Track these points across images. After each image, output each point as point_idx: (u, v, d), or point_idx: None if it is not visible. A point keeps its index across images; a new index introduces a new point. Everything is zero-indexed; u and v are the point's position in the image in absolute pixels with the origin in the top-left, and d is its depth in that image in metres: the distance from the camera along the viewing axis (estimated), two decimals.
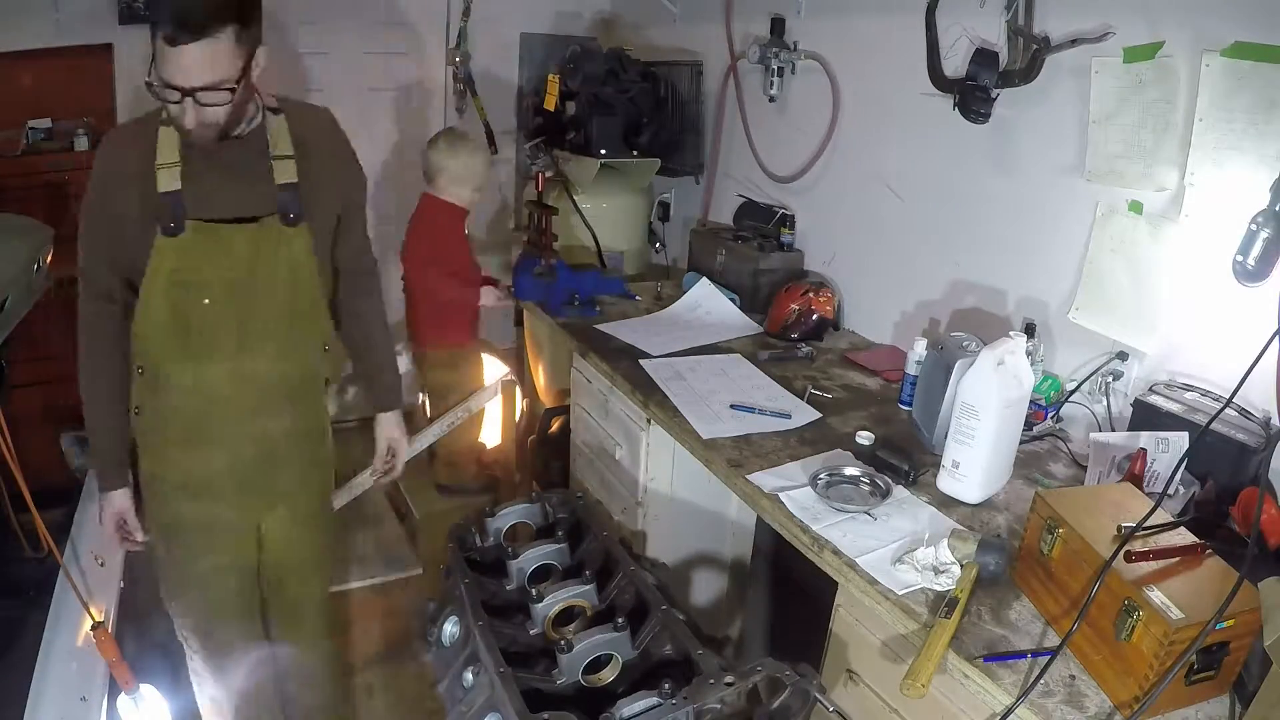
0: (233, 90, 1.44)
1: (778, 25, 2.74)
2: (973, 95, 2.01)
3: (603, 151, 3.05)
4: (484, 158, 2.95)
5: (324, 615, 1.98)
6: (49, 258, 2.09)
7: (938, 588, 1.35)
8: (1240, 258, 1.53)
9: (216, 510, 1.69)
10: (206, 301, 1.56)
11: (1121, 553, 1.18)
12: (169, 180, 1.49)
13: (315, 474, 1.84)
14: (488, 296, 2.93)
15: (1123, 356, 1.86)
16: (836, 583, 1.51)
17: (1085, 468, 1.75)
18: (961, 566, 1.39)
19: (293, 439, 1.72)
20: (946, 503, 1.64)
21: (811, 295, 2.53)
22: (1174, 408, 1.67)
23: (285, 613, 1.89)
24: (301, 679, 1.98)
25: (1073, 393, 1.94)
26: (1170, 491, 1.45)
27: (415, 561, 2.85)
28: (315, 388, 1.77)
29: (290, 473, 1.75)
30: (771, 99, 2.81)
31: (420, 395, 3.30)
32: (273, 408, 1.67)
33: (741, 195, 3.09)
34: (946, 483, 1.65)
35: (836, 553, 1.47)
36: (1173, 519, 1.29)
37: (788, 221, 2.84)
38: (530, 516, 1.70)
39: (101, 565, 1.91)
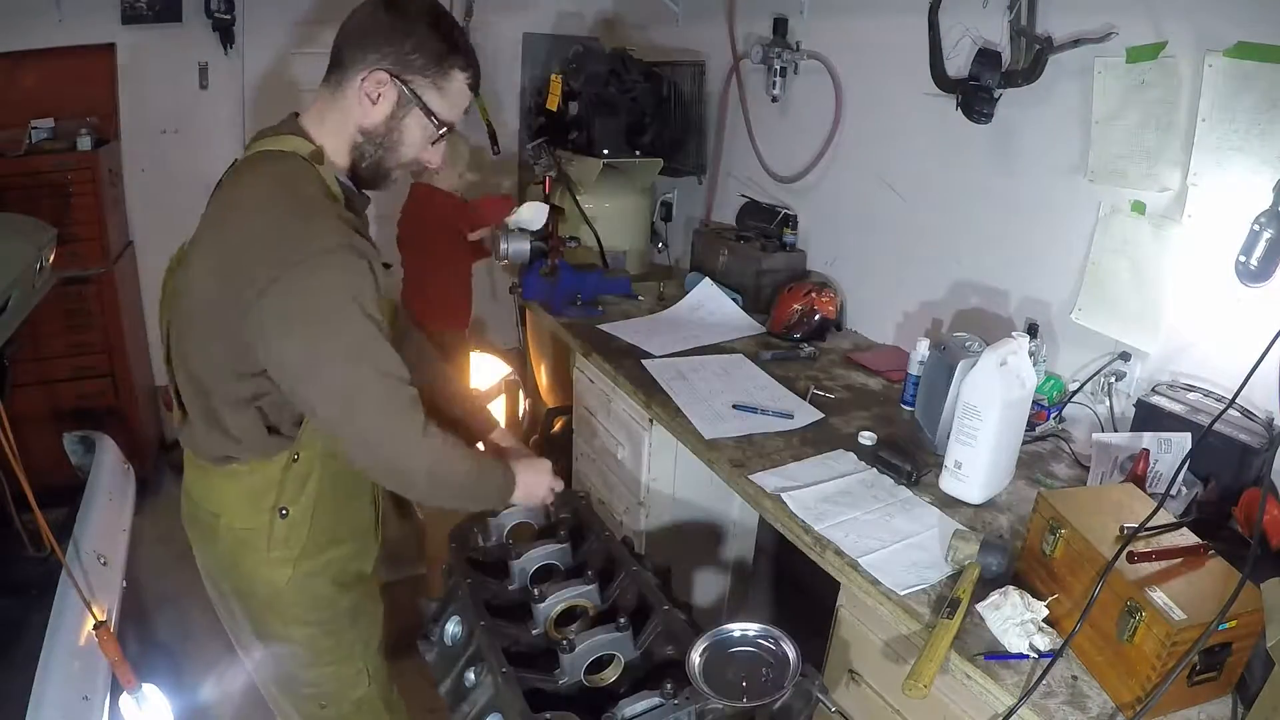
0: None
1: (780, 25, 2.74)
2: (975, 95, 2.00)
3: (605, 151, 3.05)
4: (464, 145, 3.03)
5: None
6: (52, 258, 2.10)
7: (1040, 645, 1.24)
8: (1243, 258, 1.53)
9: None
10: None
11: (1124, 553, 1.18)
12: None
13: None
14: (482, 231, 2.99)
15: (1125, 357, 1.86)
16: (839, 583, 1.51)
17: (1088, 468, 1.75)
18: (964, 567, 1.39)
19: None
20: (949, 503, 1.64)
21: (814, 295, 2.52)
22: (1176, 408, 1.67)
23: None
24: None
25: (1075, 393, 1.94)
26: (1173, 492, 1.45)
27: (417, 561, 2.85)
28: None
29: None
30: (774, 99, 2.81)
31: None
32: None
33: (744, 195, 3.09)
34: (949, 483, 1.65)
35: (839, 553, 1.47)
36: (1175, 520, 1.29)
37: (790, 221, 2.84)
38: (532, 517, 1.69)
39: (104, 564, 1.91)
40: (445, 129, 1.37)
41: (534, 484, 1.58)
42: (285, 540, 1.42)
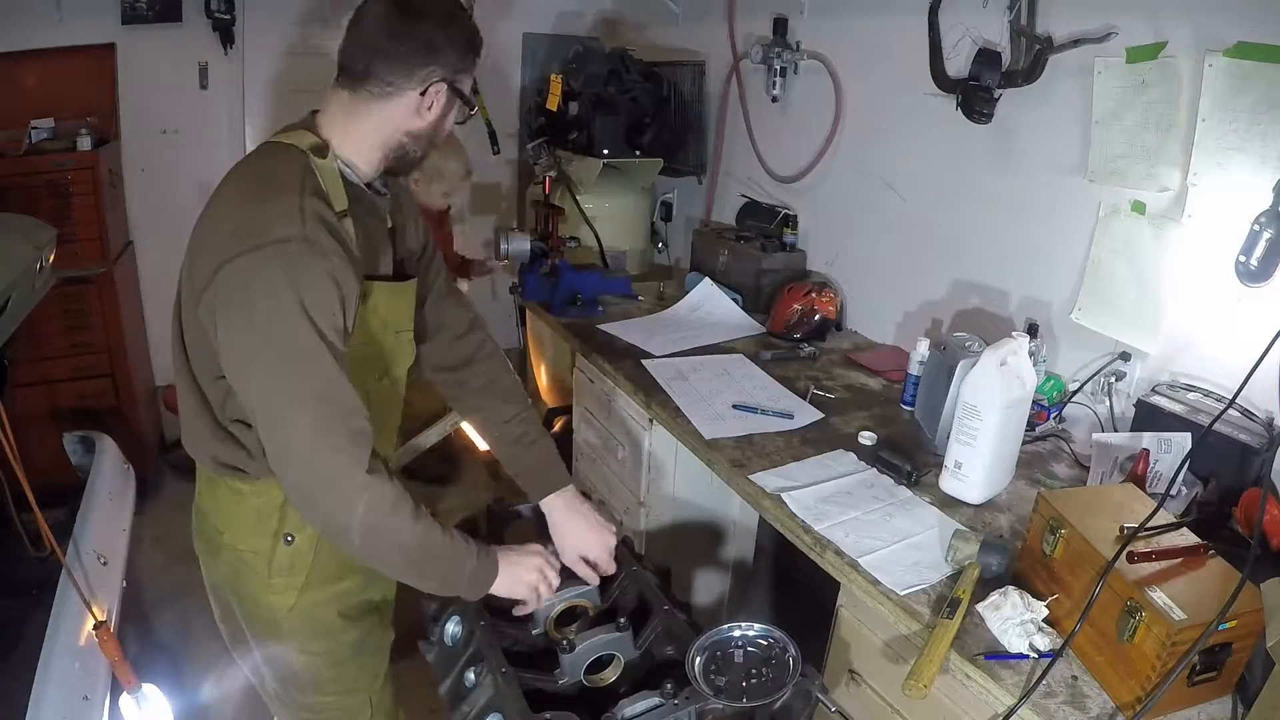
0: None
1: (780, 25, 2.74)
2: (975, 95, 2.00)
3: (605, 151, 3.05)
4: (459, 163, 2.84)
5: None
6: (51, 258, 2.10)
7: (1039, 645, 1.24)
8: (1243, 258, 1.53)
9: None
10: (384, 381, 1.39)
11: (1124, 553, 1.18)
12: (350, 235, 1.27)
13: None
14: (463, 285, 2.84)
15: (1125, 357, 1.86)
16: (839, 583, 1.51)
17: (1088, 468, 1.75)
18: (964, 567, 1.39)
19: None
20: (949, 503, 1.63)
21: (814, 295, 2.52)
22: (1176, 408, 1.67)
23: None
24: None
25: (1075, 393, 1.94)
26: (1173, 492, 1.45)
27: None
28: None
29: None
30: (774, 99, 2.81)
31: None
32: None
33: (744, 195, 3.09)
34: (949, 483, 1.65)
35: (839, 553, 1.47)
36: (1175, 520, 1.29)
37: (790, 221, 2.84)
38: (533, 514, 1.70)
39: (104, 564, 1.91)
40: (474, 107, 1.38)
41: (518, 578, 1.37)
42: (289, 568, 1.37)
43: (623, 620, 1.36)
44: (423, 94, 1.27)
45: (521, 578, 1.37)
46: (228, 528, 1.38)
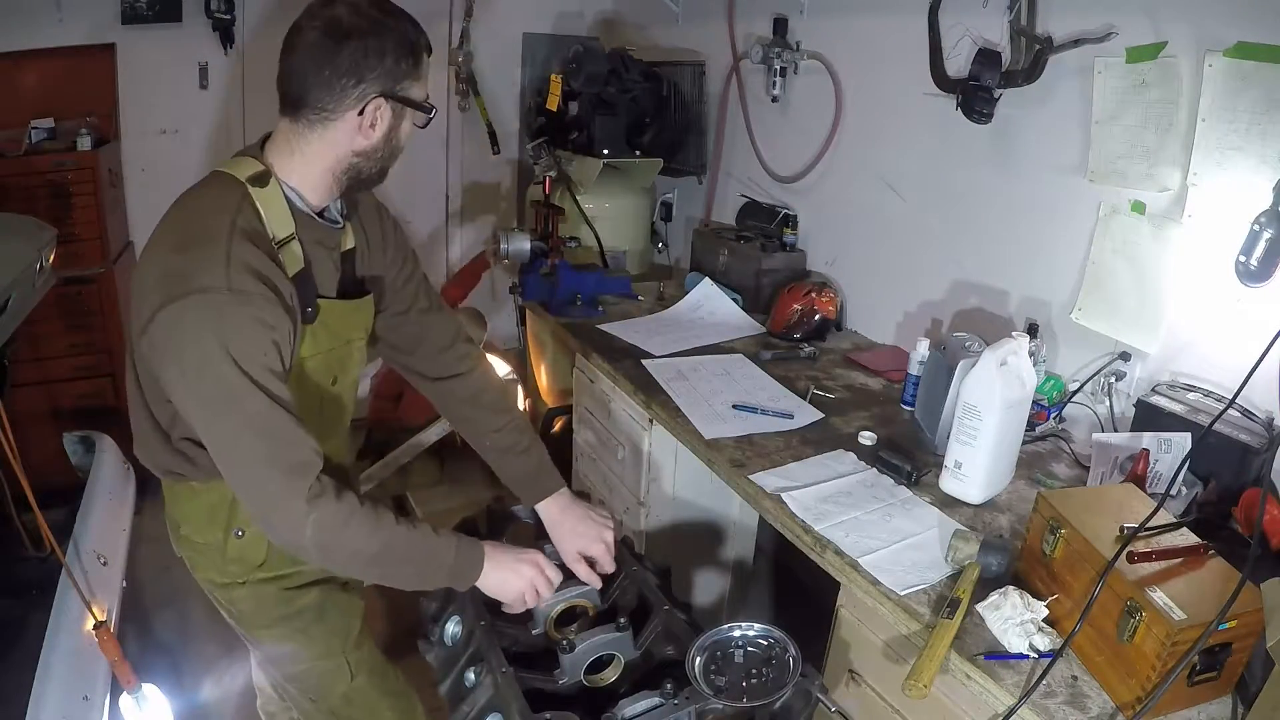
0: None
1: (780, 25, 2.74)
2: (975, 95, 2.00)
3: (605, 151, 3.05)
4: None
5: None
6: (52, 258, 2.10)
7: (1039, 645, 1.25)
8: (1243, 258, 1.53)
9: None
10: (335, 387, 1.44)
11: (1124, 553, 1.18)
12: (293, 259, 1.28)
13: None
14: None
15: (1125, 357, 1.86)
16: (839, 583, 1.51)
17: (1088, 468, 1.75)
18: (964, 567, 1.39)
19: None
20: (949, 503, 1.63)
21: (814, 295, 2.52)
22: (1176, 408, 1.67)
23: None
24: None
25: (1075, 393, 1.94)
26: (1173, 492, 1.44)
27: None
28: None
29: None
30: (774, 99, 2.81)
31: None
32: None
33: (744, 195, 3.09)
34: (949, 483, 1.65)
35: (839, 553, 1.47)
36: (1175, 520, 1.29)
37: (790, 221, 2.84)
38: (533, 517, 1.70)
39: (104, 564, 1.91)
40: (434, 110, 1.31)
41: (506, 580, 1.37)
42: (240, 558, 1.42)
43: (623, 620, 1.36)
44: (361, 113, 1.24)
45: (508, 581, 1.38)
46: (185, 521, 1.43)
